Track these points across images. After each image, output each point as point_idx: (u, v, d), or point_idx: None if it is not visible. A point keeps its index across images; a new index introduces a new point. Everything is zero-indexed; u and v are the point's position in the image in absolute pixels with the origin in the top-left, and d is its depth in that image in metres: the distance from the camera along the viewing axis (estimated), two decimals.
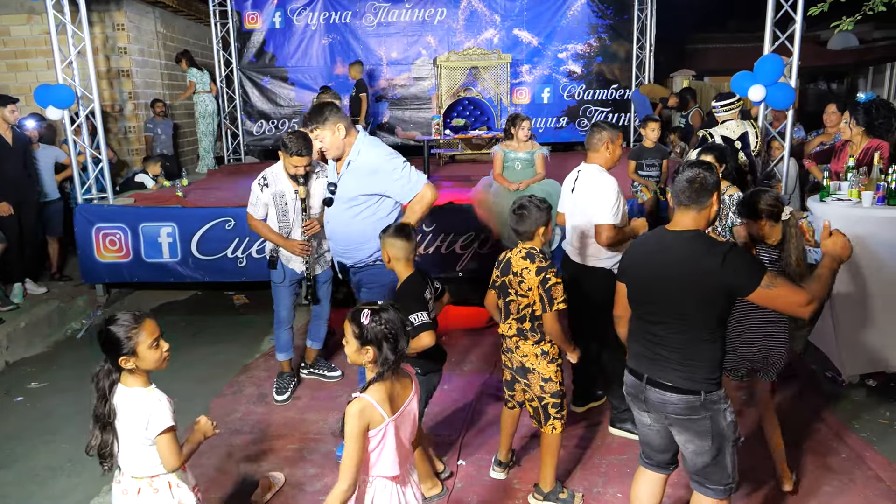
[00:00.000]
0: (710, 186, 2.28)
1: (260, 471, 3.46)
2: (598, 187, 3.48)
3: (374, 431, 2.10)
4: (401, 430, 2.17)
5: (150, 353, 2.27)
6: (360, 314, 2.11)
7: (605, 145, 3.56)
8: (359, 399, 2.09)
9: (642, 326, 2.43)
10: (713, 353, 2.30)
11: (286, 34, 9.99)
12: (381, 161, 3.41)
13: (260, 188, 4.07)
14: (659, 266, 2.33)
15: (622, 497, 3.20)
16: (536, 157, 5.64)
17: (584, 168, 3.68)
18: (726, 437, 2.34)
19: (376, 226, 3.26)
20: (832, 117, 5.82)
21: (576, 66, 10.16)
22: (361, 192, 3.40)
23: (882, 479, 3.29)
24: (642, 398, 2.43)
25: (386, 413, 2.10)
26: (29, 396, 4.47)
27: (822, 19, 5.78)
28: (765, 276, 2.18)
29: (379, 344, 2.09)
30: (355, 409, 2.07)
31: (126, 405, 2.25)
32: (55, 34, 5.82)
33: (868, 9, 5.01)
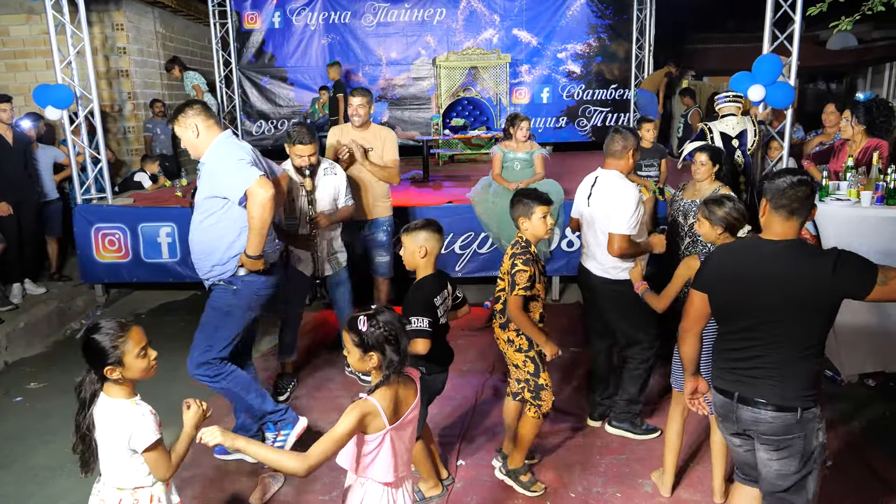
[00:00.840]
0: (813, 195, 2.22)
1: (257, 471, 3.45)
2: (617, 195, 3.35)
3: (371, 436, 2.08)
4: (400, 437, 2.14)
5: (137, 363, 2.18)
6: (356, 321, 2.08)
7: (629, 152, 3.43)
8: (365, 401, 2.06)
9: (731, 342, 2.30)
10: (811, 367, 2.20)
11: (285, 34, 9.99)
12: (219, 160, 3.14)
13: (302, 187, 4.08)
14: (759, 277, 2.19)
15: (621, 497, 3.20)
16: (536, 158, 5.64)
17: (602, 174, 3.53)
18: (815, 458, 2.26)
19: (219, 234, 3.15)
20: (831, 117, 5.82)
21: (575, 66, 10.17)
22: (206, 196, 3.20)
23: (883, 478, 3.30)
24: (733, 418, 2.31)
25: (388, 420, 2.06)
26: (28, 396, 4.46)
27: (821, 19, 5.78)
28: (878, 272, 2.09)
29: (381, 348, 2.06)
30: (357, 410, 2.04)
31: (108, 417, 2.18)
32: (54, 34, 5.82)
33: (867, 8, 5.01)
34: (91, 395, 2.20)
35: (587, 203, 3.54)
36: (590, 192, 3.54)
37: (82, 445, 2.20)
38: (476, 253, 5.87)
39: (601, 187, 3.47)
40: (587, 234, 3.58)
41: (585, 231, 3.61)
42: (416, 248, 2.93)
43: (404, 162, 9.02)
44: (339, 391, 4.40)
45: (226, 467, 3.53)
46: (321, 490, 3.31)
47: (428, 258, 2.96)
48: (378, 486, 2.14)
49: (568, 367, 4.64)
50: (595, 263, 3.53)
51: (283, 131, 10.11)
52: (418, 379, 2.27)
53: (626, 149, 3.43)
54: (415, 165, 8.23)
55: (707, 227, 2.91)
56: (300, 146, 3.87)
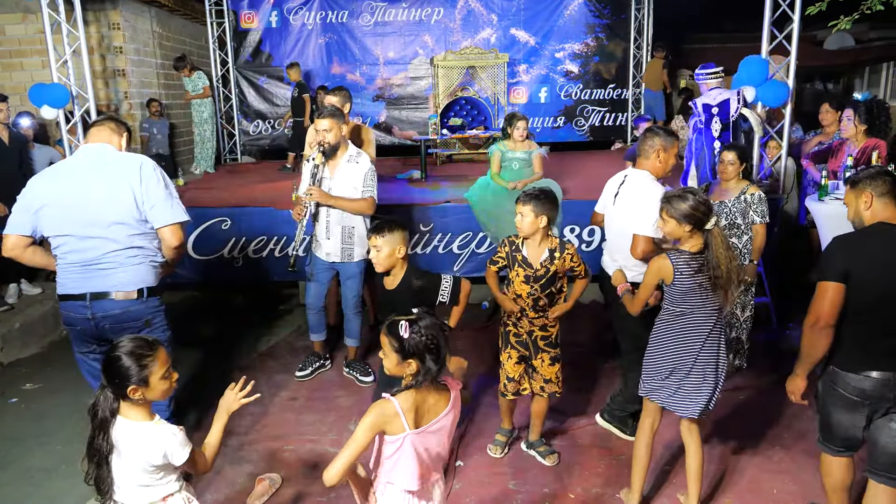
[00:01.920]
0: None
1: (256, 472, 3.43)
2: (644, 196, 3.24)
3: (392, 438, 2.04)
4: (425, 445, 2.07)
5: (161, 385, 2.11)
6: (397, 327, 2.03)
7: (656, 152, 3.33)
8: (386, 401, 2.03)
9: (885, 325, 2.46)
10: None
11: (283, 34, 9.96)
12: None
13: (306, 160, 4.31)
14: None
15: (620, 498, 3.19)
16: (534, 157, 5.63)
17: (631, 174, 3.45)
18: None
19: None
20: (827, 116, 5.81)
21: (573, 66, 10.16)
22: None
23: None
24: (890, 396, 2.47)
25: (409, 424, 2.02)
26: (24, 398, 4.44)
27: (819, 19, 5.78)
28: None
29: (422, 356, 2.02)
30: (378, 408, 2.02)
31: (136, 441, 2.09)
32: (50, 33, 5.79)
33: (866, 8, 5.00)
34: (110, 416, 2.09)
35: (613, 201, 3.47)
36: (617, 190, 3.46)
37: (98, 471, 2.08)
38: (474, 253, 5.86)
39: (629, 187, 3.39)
40: (608, 232, 3.55)
41: (608, 230, 3.56)
42: (395, 248, 2.99)
43: (402, 161, 9.09)
44: (337, 390, 4.39)
45: (222, 468, 3.52)
46: (320, 492, 3.30)
47: (406, 256, 3.06)
48: (400, 493, 2.09)
49: (568, 368, 4.62)
50: (612, 263, 3.48)
51: (280, 131, 10.09)
52: (457, 389, 2.18)
53: (653, 148, 3.35)
54: (412, 165, 8.21)
55: (673, 224, 2.78)
56: (319, 119, 4.10)
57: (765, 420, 3.87)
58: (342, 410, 4.11)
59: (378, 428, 2.02)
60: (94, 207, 2.90)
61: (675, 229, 2.79)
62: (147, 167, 2.98)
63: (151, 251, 3.05)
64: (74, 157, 3.12)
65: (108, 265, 2.95)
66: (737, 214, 4.15)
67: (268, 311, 6.06)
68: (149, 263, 3.04)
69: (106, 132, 3.09)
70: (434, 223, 5.80)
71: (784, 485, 3.27)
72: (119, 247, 2.94)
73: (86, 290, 2.96)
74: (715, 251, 2.70)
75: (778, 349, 4.86)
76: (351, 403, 4.19)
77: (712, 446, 3.62)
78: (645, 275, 2.90)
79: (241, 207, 6.02)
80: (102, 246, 2.93)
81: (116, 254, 2.94)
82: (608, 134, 10.41)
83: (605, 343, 5.09)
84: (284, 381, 4.51)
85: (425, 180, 7.45)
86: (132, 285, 2.98)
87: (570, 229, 5.84)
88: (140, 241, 2.99)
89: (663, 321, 2.90)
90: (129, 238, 2.96)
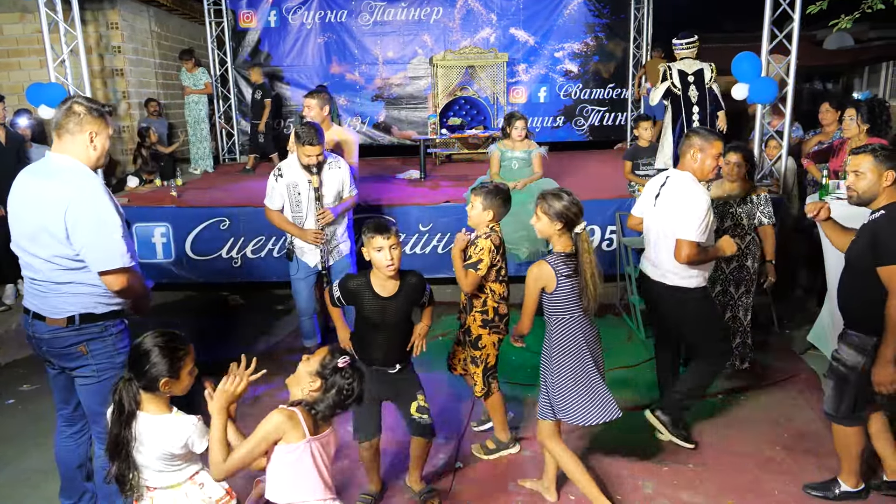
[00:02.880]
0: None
1: (254, 474, 3.41)
2: (687, 199, 3.20)
3: (292, 446, 2.06)
4: (321, 453, 2.13)
5: (187, 379, 2.20)
6: (336, 358, 2.14)
7: (691, 153, 3.28)
8: (287, 409, 2.08)
9: None
10: None
11: (281, 33, 9.94)
12: None
13: (275, 178, 4.21)
14: None
15: (620, 499, 3.17)
16: (534, 157, 5.61)
17: (673, 175, 3.37)
18: None
19: None
20: (827, 116, 5.80)
21: (572, 66, 10.15)
22: None
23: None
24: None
25: (308, 431, 2.07)
26: (20, 399, 4.41)
27: (818, 19, 5.77)
28: None
29: (331, 390, 2.11)
30: (277, 417, 2.05)
31: (155, 432, 2.14)
32: (47, 32, 5.77)
33: (866, 7, 4.99)
34: (135, 408, 2.13)
35: (653, 203, 3.39)
36: (658, 191, 3.38)
37: (122, 465, 2.10)
38: None
39: (671, 189, 3.31)
40: (649, 235, 3.45)
41: (647, 232, 3.47)
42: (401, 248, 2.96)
43: (401, 161, 9.07)
44: None
45: None
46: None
47: None
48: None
49: None
50: (652, 267, 3.42)
51: (280, 131, 10.05)
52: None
53: (690, 148, 3.29)
54: (411, 165, 8.19)
55: (546, 221, 2.84)
56: (309, 147, 4.00)
57: (766, 420, 3.85)
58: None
59: (279, 434, 2.05)
60: (29, 231, 2.55)
61: (547, 227, 2.86)
62: (83, 198, 2.47)
63: (96, 287, 2.59)
64: (37, 163, 2.68)
65: (44, 288, 2.61)
66: (742, 216, 4.14)
67: (266, 311, 6.04)
68: (88, 294, 2.60)
69: (66, 136, 2.56)
70: (433, 223, 5.78)
71: (786, 486, 3.25)
72: (54, 273, 2.56)
73: (29, 306, 2.67)
74: (582, 255, 2.79)
75: (778, 349, 4.84)
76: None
77: (713, 447, 3.60)
78: (526, 286, 2.88)
79: (239, 207, 6.00)
80: (41, 266, 2.58)
81: (50, 282, 2.58)
82: (608, 134, 10.39)
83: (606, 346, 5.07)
84: (282, 383, 4.48)
85: (424, 180, 7.43)
86: (62, 313, 2.59)
87: None
88: (80, 276, 2.56)
89: (553, 336, 2.92)
90: (65, 273, 2.55)
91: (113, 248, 2.51)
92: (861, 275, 2.82)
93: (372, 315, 2.86)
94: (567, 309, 2.88)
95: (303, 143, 4.00)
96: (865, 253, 2.78)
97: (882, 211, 2.78)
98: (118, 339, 2.71)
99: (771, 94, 5.36)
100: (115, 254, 2.52)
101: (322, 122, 4.59)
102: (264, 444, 2.04)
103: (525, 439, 3.69)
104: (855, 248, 2.88)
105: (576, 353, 2.90)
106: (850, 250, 2.91)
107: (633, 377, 4.50)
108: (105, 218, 2.51)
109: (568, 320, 2.89)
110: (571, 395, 2.89)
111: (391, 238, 2.75)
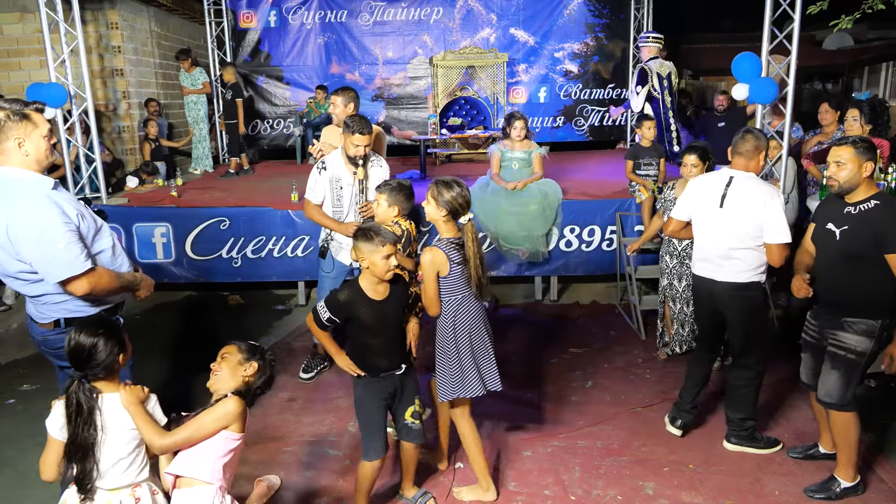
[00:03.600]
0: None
1: (255, 474, 3.41)
2: (769, 201, 3.24)
3: (234, 436, 2.27)
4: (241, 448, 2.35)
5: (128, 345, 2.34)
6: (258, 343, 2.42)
7: (761, 153, 3.35)
8: (238, 399, 2.26)
9: None
10: None
11: (281, 33, 9.93)
12: None
13: (318, 172, 4.15)
14: None
15: (622, 499, 3.17)
16: (534, 157, 5.61)
17: (737, 175, 3.36)
18: None
19: None
20: (826, 116, 5.79)
21: (572, 66, 10.14)
22: None
23: (884, 480, 3.28)
24: None
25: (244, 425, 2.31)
26: (21, 399, 4.41)
27: (818, 19, 5.77)
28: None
29: (263, 366, 2.38)
30: (235, 406, 2.24)
31: (118, 409, 2.23)
32: (48, 32, 5.76)
33: (867, 7, 4.99)
34: (95, 401, 2.18)
35: (719, 205, 3.36)
36: (724, 192, 3.35)
37: (83, 465, 2.16)
38: None
39: (741, 191, 3.31)
40: (713, 237, 3.40)
41: (707, 235, 3.42)
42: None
43: (401, 161, 9.06)
44: (336, 391, 4.37)
45: None
46: (320, 493, 3.28)
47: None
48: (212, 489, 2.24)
49: (566, 369, 4.61)
50: (716, 268, 3.40)
51: (279, 131, 10.06)
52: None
53: (759, 149, 3.33)
54: (412, 165, 8.18)
55: (433, 206, 2.99)
56: (359, 136, 3.94)
57: (766, 421, 3.86)
58: (341, 412, 4.09)
59: (230, 422, 2.22)
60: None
61: (434, 212, 3.01)
62: (17, 217, 2.37)
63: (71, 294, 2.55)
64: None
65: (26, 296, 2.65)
66: None
67: (266, 311, 6.04)
68: (69, 300, 2.59)
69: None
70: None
71: (786, 486, 3.26)
72: (25, 287, 2.57)
73: (27, 309, 2.71)
74: (467, 244, 2.94)
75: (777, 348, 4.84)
76: (350, 404, 4.15)
77: (713, 447, 3.60)
78: (423, 272, 2.96)
79: (239, 207, 6.00)
80: (11, 283, 2.58)
81: (27, 295, 2.62)
82: (607, 134, 10.39)
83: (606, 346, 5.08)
84: (283, 383, 4.49)
85: (424, 180, 7.43)
86: (48, 318, 2.63)
87: (570, 229, 5.82)
88: (49, 287, 2.53)
89: (442, 318, 3.01)
90: (34, 286, 2.54)
91: (60, 258, 2.42)
92: (863, 264, 2.94)
93: (372, 322, 2.84)
94: (457, 292, 2.99)
95: (352, 131, 3.93)
96: (867, 243, 2.91)
97: (873, 201, 2.95)
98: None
99: (771, 95, 5.36)
100: (63, 263, 2.43)
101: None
102: (214, 427, 2.19)
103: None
104: (853, 240, 2.97)
105: (457, 334, 3.00)
106: (848, 243, 2.98)
107: (634, 379, 4.51)
108: (44, 229, 2.39)
109: (457, 302, 2.99)
110: (444, 371, 3.02)
111: (396, 246, 2.87)
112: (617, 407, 4.09)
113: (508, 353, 4.93)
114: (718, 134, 6.99)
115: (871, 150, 2.96)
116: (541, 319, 5.73)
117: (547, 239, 5.75)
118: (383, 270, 2.76)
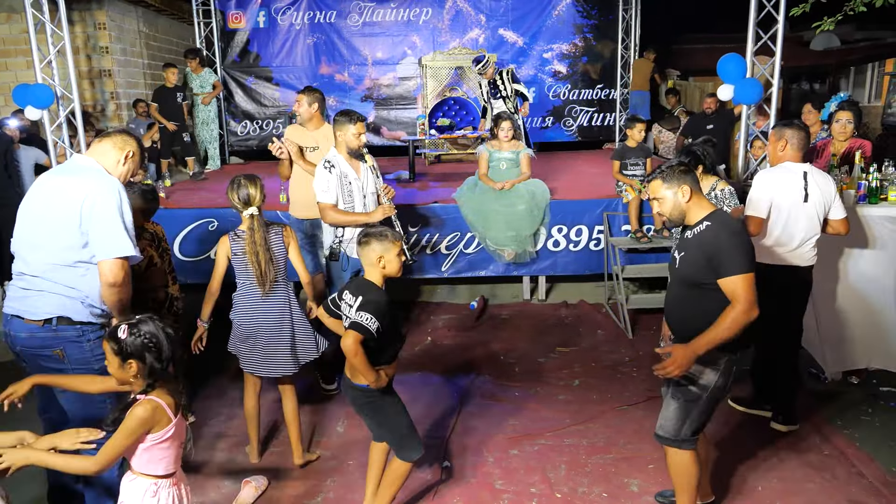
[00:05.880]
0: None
1: (243, 474, 3.42)
2: (832, 187, 3.65)
3: (160, 434, 2.14)
4: (180, 431, 2.24)
5: None
6: (117, 330, 2.14)
7: (803, 143, 3.64)
8: (149, 401, 2.13)
9: None
10: None
11: (270, 34, 9.92)
12: None
13: (328, 170, 4.01)
14: None
15: (608, 497, 3.20)
16: (522, 157, 5.64)
17: (809, 169, 3.64)
18: None
19: None
20: (809, 117, 5.85)
21: (561, 66, 10.18)
22: None
23: (864, 475, 3.32)
24: None
25: (172, 415, 2.17)
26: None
27: (805, 20, 5.83)
28: None
29: (141, 356, 2.13)
30: (144, 411, 2.10)
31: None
32: (34, 33, 5.73)
33: (849, 9, 5.05)
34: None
35: (804, 199, 3.59)
36: (805, 185, 3.58)
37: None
38: (462, 253, 5.86)
39: (818, 182, 3.61)
40: (800, 227, 3.61)
41: (794, 225, 3.61)
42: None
43: (390, 162, 9.07)
44: (316, 393, 4.38)
45: (209, 470, 3.50)
46: (307, 494, 3.29)
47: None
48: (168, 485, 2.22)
49: (554, 368, 4.64)
50: (796, 257, 3.64)
51: (269, 132, 10.04)
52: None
53: (804, 138, 3.65)
54: (401, 165, 8.20)
55: (234, 198, 3.47)
56: (360, 123, 3.99)
57: (751, 419, 3.90)
58: (330, 413, 4.11)
59: (145, 428, 2.11)
60: (37, 221, 2.67)
61: (235, 202, 3.44)
62: (102, 191, 2.64)
63: (79, 292, 2.67)
64: (58, 166, 2.89)
65: (28, 285, 2.68)
66: None
67: None
68: (70, 297, 2.67)
69: (103, 146, 2.80)
70: (421, 223, 5.80)
71: (769, 483, 3.30)
72: (47, 269, 2.65)
73: (7, 310, 2.71)
74: (247, 234, 3.37)
75: None
76: (340, 406, 4.18)
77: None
78: (217, 259, 3.58)
79: (227, 209, 5.99)
80: (38, 259, 2.66)
81: (39, 278, 2.66)
82: (596, 134, 10.44)
83: (594, 345, 5.12)
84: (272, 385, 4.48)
85: (413, 181, 7.45)
86: (40, 314, 2.65)
87: (558, 229, 5.85)
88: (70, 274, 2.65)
89: (238, 293, 3.54)
90: (57, 270, 2.64)
91: (120, 237, 2.64)
92: (701, 291, 2.65)
93: (396, 320, 2.86)
94: (241, 279, 3.45)
95: (353, 121, 3.93)
96: (700, 267, 2.62)
97: (705, 223, 2.65)
98: (96, 345, 2.67)
99: (756, 95, 5.41)
100: (121, 242, 2.64)
101: (311, 118, 4.57)
102: (134, 437, 2.09)
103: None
104: (685, 265, 2.71)
105: (241, 316, 3.52)
106: (681, 268, 2.73)
107: (621, 378, 4.54)
108: (117, 209, 2.65)
109: (242, 288, 3.51)
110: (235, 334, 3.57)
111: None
112: (604, 405, 4.12)
113: (497, 353, 4.95)
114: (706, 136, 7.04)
115: (679, 172, 2.68)
116: (529, 319, 5.75)
117: (535, 239, 5.78)
118: (398, 267, 2.80)
